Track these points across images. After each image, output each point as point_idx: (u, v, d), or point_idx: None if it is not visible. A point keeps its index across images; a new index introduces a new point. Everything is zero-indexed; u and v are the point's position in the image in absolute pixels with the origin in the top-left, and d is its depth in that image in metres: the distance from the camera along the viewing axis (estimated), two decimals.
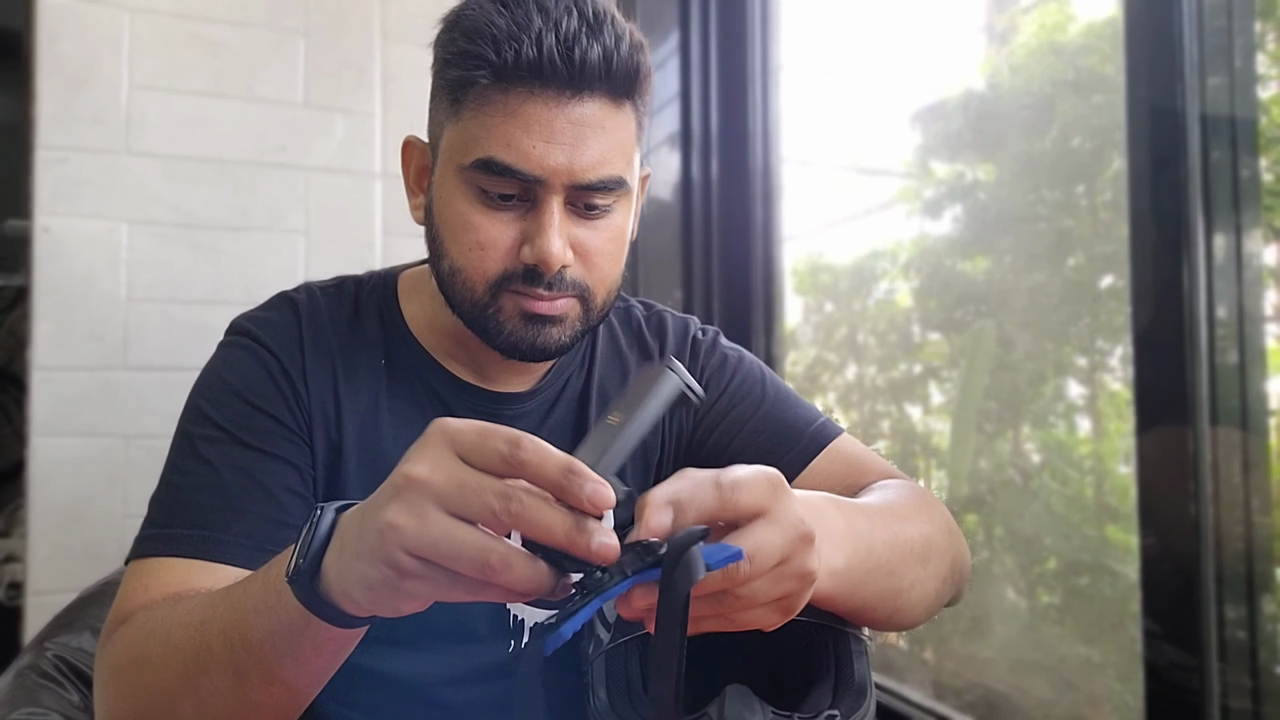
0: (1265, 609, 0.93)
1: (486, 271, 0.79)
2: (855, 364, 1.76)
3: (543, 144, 0.75)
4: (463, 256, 0.80)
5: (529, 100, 0.75)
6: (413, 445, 0.54)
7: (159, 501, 0.80)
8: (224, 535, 0.75)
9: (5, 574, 2.01)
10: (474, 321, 0.82)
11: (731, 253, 1.79)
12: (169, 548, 0.75)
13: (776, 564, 0.52)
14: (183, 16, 1.54)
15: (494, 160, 0.76)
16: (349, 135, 1.63)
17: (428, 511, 0.50)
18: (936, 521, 0.78)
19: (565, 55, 0.74)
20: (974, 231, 1.49)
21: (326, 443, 0.84)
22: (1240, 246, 0.95)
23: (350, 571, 0.53)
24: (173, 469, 0.81)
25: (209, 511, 0.76)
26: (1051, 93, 1.38)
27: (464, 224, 0.79)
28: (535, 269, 0.77)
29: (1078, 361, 1.34)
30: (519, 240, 0.78)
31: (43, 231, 1.45)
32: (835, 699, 0.68)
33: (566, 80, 0.75)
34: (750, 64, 1.78)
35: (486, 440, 0.51)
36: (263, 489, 0.78)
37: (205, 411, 0.81)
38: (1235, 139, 0.96)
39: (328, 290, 0.91)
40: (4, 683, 0.93)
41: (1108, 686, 1.26)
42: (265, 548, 0.75)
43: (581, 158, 0.76)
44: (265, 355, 0.83)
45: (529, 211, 0.78)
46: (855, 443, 0.92)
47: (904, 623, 0.76)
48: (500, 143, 0.75)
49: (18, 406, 2.02)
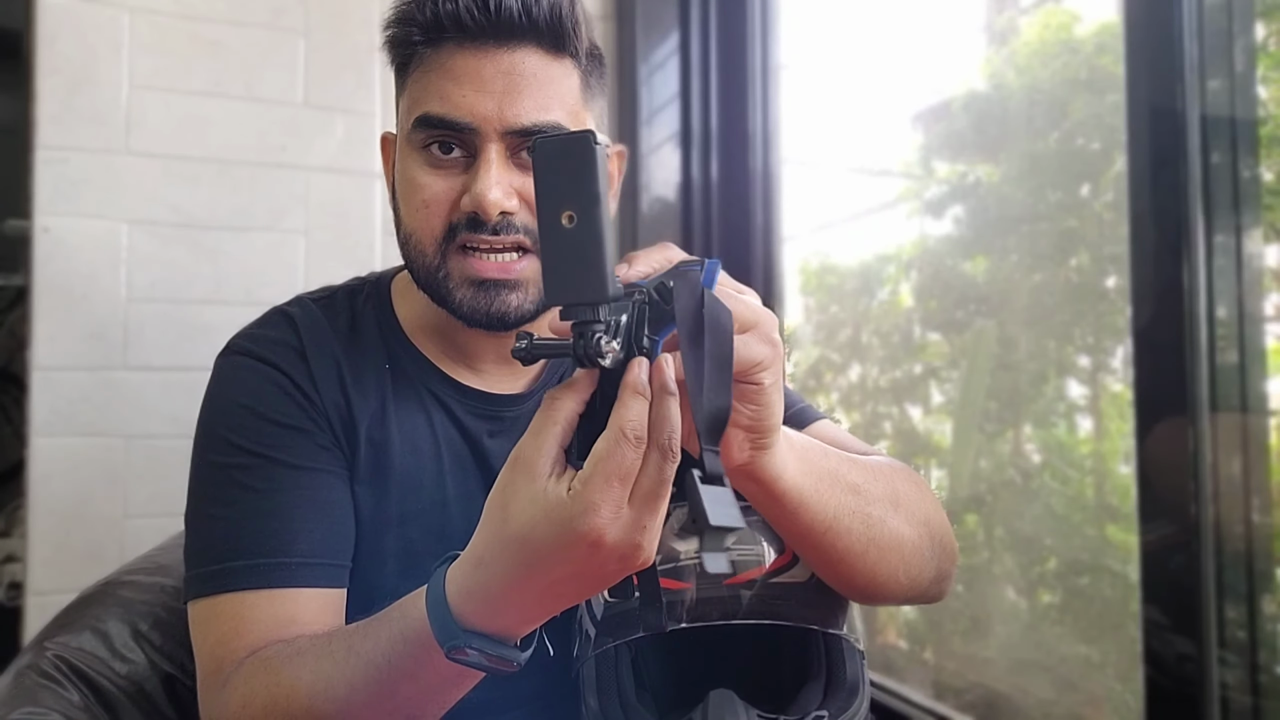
0: (1265, 608, 0.93)
1: (433, 228, 0.80)
2: (858, 364, 1.76)
3: (473, 93, 0.77)
4: (412, 218, 0.81)
5: (457, 54, 0.78)
6: (505, 519, 0.57)
7: (205, 535, 0.79)
8: (290, 559, 0.76)
9: (5, 574, 2.01)
10: (431, 290, 0.82)
11: (731, 253, 1.79)
12: (237, 581, 0.75)
13: (751, 323, 0.57)
14: (183, 16, 1.54)
15: (429, 114, 0.78)
16: (349, 135, 1.63)
17: (622, 499, 0.54)
18: (911, 481, 0.77)
19: (481, 5, 0.76)
20: (976, 231, 1.49)
21: (347, 441, 0.84)
22: (1240, 246, 0.95)
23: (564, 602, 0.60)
24: (210, 501, 0.80)
25: (270, 537, 0.76)
26: (1055, 92, 1.38)
27: (413, 186, 0.81)
28: (475, 216, 0.78)
29: (1079, 361, 1.34)
30: (462, 192, 0.79)
31: (43, 231, 1.45)
32: (825, 699, 0.68)
33: (490, 31, 0.77)
34: (750, 64, 1.78)
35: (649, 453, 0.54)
36: (312, 504, 0.79)
37: (232, 440, 0.80)
38: (1235, 139, 0.96)
39: (320, 301, 0.91)
40: (4, 683, 0.93)
41: (1107, 686, 1.26)
42: (329, 563, 0.77)
43: (513, 105, 0.77)
44: (271, 371, 0.83)
45: (471, 165, 0.79)
46: (837, 427, 0.92)
47: (885, 570, 0.71)
48: (435, 97, 0.78)
49: (18, 406, 2.02)
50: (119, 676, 0.98)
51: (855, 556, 0.69)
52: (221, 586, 0.75)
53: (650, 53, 1.80)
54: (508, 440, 0.89)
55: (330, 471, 0.81)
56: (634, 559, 0.55)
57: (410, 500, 0.85)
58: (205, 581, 0.76)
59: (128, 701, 0.98)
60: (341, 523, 0.80)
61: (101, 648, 0.99)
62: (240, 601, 0.75)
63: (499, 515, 0.57)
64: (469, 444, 0.88)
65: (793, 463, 0.63)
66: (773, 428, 0.59)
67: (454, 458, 0.87)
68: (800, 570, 0.71)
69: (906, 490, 0.74)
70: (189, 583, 0.78)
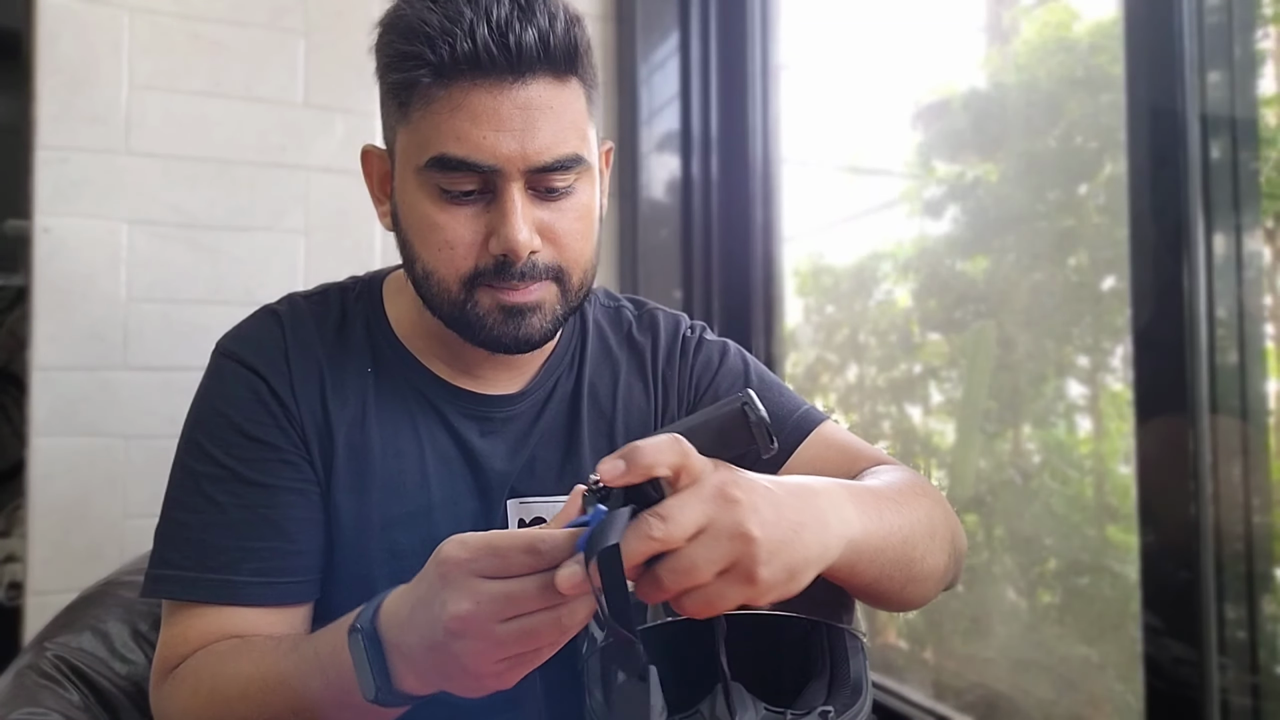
0: (1265, 609, 0.93)
1: (458, 269, 0.79)
2: (856, 365, 1.76)
3: (493, 133, 0.75)
4: (433, 258, 0.80)
5: (472, 91, 0.75)
6: (429, 584, 0.60)
7: (169, 538, 0.82)
8: (238, 577, 0.79)
9: (5, 574, 2.01)
10: (454, 321, 0.82)
11: (731, 253, 1.79)
12: (189, 592, 0.79)
13: (701, 526, 0.54)
14: (183, 16, 1.54)
15: (447, 156, 0.76)
16: (349, 135, 1.63)
17: (493, 633, 0.56)
18: (934, 498, 0.79)
19: (500, 43, 0.74)
20: (975, 231, 1.49)
21: (321, 453, 0.84)
22: (1240, 246, 0.95)
23: (449, 687, 0.61)
24: (178, 505, 0.82)
25: (221, 553, 0.79)
26: (1055, 91, 1.38)
27: (429, 225, 0.79)
28: (505, 260, 0.77)
29: (1079, 361, 1.34)
30: (486, 233, 0.78)
31: (43, 231, 1.45)
32: (830, 695, 0.69)
33: (506, 67, 0.75)
34: (750, 64, 1.78)
35: (507, 560, 0.56)
36: (269, 523, 0.81)
37: (205, 448, 0.82)
38: (1235, 139, 0.96)
39: (312, 299, 0.91)
40: (4, 683, 0.93)
41: (1108, 686, 1.26)
42: (276, 581, 0.80)
43: (534, 141, 0.76)
44: (252, 378, 0.84)
45: (491, 203, 0.78)
46: (842, 430, 0.92)
47: (915, 596, 0.76)
48: (451, 138, 0.75)
49: (18, 406, 2.02)
50: (119, 676, 0.99)
51: (894, 595, 0.73)
52: (170, 593, 0.80)
53: (650, 53, 1.80)
54: (500, 440, 0.89)
55: (295, 489, 0.82)
56: (490, 678, 0.58)
57: (394, 504, 0.85)
58: (156, 582, 0.81)
59: (128, 702, 0.98)
60: (303, 540, 0.82)
61: (101, 648, 0.99)
62: (197, 614, 0.79)
63: (426, 567, 0.61)
64: (457, 445, 0.88)
65: (848, 554, 0.63)
66: (752, 547, 0.55)
67: (440, 460, 0.87)
68: None
69: (934, 512, 0.76)
70: (147, 578, 0.81)
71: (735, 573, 0.55)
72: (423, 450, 0.87)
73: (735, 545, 0.54)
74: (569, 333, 0.95)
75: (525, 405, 0.91)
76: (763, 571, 0.55)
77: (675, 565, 0.54)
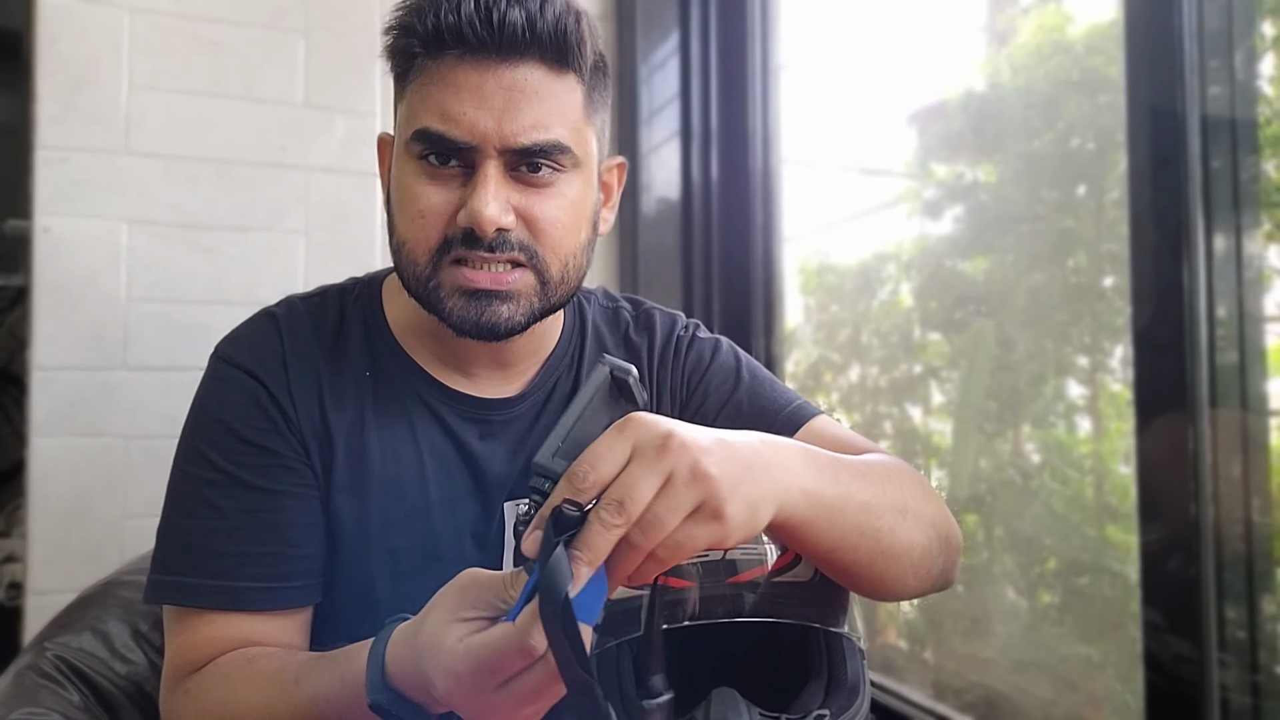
0: (1265, 608, 0.93)
1: (428, 239, 0.80)
2: (858, 365, 1.76)
3: (473, 109, 0.76)
4: (406, 227, 0.81)
5: (458, 67, 0.77)
6: (414, 660, 0.61)
7: (169, 543, 0.82)
8: (239, 582, 0.79)
9: (5, 574, 2.01)
10: (422, 298, 0.82)
11: (731, 253, 1.79)
12: (190, 598, 0.79)
13: (657, 486, 0.54)
14: (183, 16, 1.54)
15: (428, 130, 0.77)
16: (349, 135, 1.63)
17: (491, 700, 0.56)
18: (915, 483, 0.77)
19: (484, 19, 0.75)
20: (974, 231, 1.49)
21: (319, 457, 0.84)
22: (1240, 246, 0.95)
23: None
24: (178, 510, 0.82)
25: (222, 558, 0.79)
26: (1054, 92, 1.38)
27: (409, 195, 0.80)
28: (472, 231, 0.78)
29: (1078, 361, 1.34)
30: (458, 205, 0.79)
31: (43, 231, 1.45)
32: (826, 698, 0.69)
33: (492, 45, 0.76)
34: (750, 64, 1.78)
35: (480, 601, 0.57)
36: (269, 528, 0.81)
37: (205, 453, 0.82)
38: (1235, 139, 0.96)
39: (310, 301, 0.91)
40: (4, 683, 0.93)
41: (1108, 686, 1.26)
42: (277, 586, 0.80)
43: (513, 121, 0.76)
44: (250, 383, 0.84)
45: (470, 179, 0.78)
46: (835, 423, 0.92)
47: (892, 576, 0.72)
48: (434, 112, 0.77)
49: (18, 406, 2.02)
50: (119, 676, 0.99)
51: (863, 568, 0.70)
52: (171, 599, 0.80)
53: (650, 53, 1.81)
54: (499, 443, 0.89)
55: (295, 494, 0.82)
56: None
57: (393, 507, 0.85)
58: (158, 588, 0.80)
59: (128, 701, 0.98)
60: (303, 545, 0.82)
61: (101, 648, 1.00)
62: (198, 617, 0.79)
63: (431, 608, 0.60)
64: (456, 448, 0.88)
65: (802, 504, 0.62)
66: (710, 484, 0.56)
67: (438, 463, 0.87)
68: (804, 569, 0.71)
69: (913, 494, 0.74)
70: (148, 585, 0.81)
71: (703, 512, 0.55)
72: (421, 453, 0.87)
73: (698, 487, 0.55)
74: (568, 334, 0.95)
75: (524, 407, 0.91)
76: (728, 508, 0.55)
77: (645, 524, 0.54)
